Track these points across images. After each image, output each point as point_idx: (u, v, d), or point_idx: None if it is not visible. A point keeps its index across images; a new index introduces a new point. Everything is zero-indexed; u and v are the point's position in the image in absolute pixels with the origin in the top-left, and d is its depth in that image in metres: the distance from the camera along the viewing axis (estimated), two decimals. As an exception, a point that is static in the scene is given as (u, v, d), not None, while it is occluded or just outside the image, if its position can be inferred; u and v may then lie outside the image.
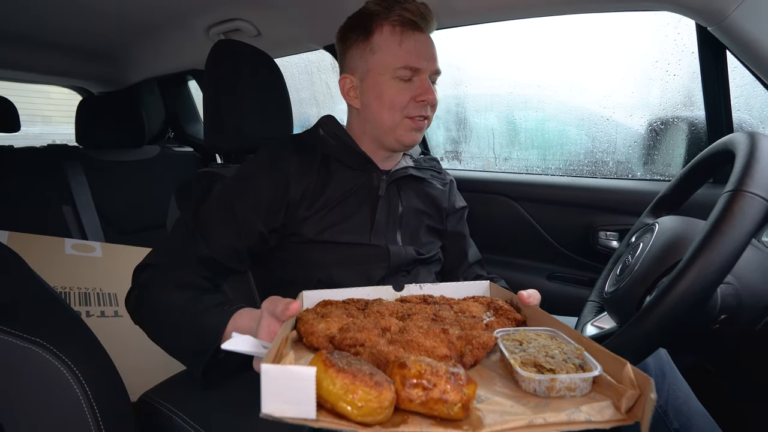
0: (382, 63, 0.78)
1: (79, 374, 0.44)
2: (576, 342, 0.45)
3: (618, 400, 0.36)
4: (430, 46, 0.79)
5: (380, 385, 0.33)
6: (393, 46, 0.77)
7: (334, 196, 0.79)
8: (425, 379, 0.35)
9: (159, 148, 1.88)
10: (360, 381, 0.33)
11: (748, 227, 0.46)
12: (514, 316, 0.55)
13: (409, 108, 0.79)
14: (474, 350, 0.44)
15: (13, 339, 0.41)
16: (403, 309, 0.55)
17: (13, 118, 1.63)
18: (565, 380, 0.38)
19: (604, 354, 0.41)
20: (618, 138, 1.27)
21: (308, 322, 0.48)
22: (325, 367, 0.34)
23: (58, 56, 1.70)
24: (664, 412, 0.76)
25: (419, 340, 0.45)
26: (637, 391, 0.36)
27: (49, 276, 1.27)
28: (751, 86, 0.99)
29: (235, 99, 0.95)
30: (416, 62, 0.76)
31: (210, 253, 0.73)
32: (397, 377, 0.36)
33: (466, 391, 0.35)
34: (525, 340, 0.46)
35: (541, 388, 0.39)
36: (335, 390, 0.33)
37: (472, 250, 1.00)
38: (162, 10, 1.30)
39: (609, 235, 1.13)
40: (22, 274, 0.52)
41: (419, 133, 0.82)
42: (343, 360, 0.36)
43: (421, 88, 0.78)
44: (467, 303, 0.58)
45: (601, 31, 1.22)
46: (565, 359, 0.41)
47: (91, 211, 1.57)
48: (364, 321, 0.49)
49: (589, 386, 0.39)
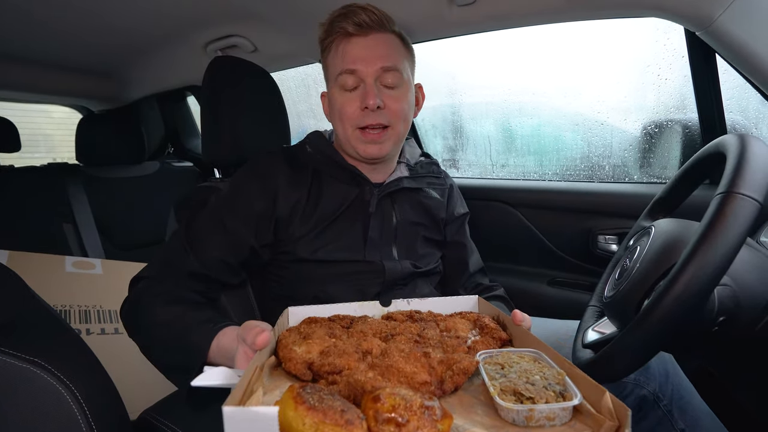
0: (330, 76, 0.79)
1: (77, 393, 0.44)
2: (559, 366, 0.45)
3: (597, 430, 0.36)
4: (372, 48, 0.75)
5: (351, 423, 0.33)
6: (333, 54, 0.77)
7: (326, 214, 0.79)
8: (398, 414, 0.34)
9: (159, 164, 1.90)
10: (330, 419, 0.33)
11: (740, 228, 0.46)
12: (500, 335, 0.55)
13: (356, 117, 0.76)
14: (454, 376, 0.45)
15: (11, 359, 0.41)
16: (387, 328, 0.55)
17: (13, 139, 1.65)
18: (543, 410, 0.38)
19: (585, 381, 0.41)
20: (613, 142, 1.28)
21: (287, 347, 0.48)
22: (295, 405, 0.33)
23: (59, 75, 1.72)
24: (669, 412, 0.75)
25: (399, 365, 0.45)
26: (615, 422, 0.36)
27: (50, 294, 1.27)
28: (743, 88, 1.00)
29: (233, 114, 0.97)
30: (350, 64, 0.74)
31: (200, 266, 0.73)
32: (370, 412, 0.35)
33: (440, 427, 0.35)
34: (507, 363, 0.46)
35: (519, 418, 0.39)
36: (304, 429, 0.32)
37: (474, 258, 0.98)
38: (160, 28, 1.33)
39: (608, 238, 1.13)
40: (20, 294, 0.52)
41: (375, 145, 0.78)
42: (315, 396, 0.35)
43: (362, 94, 0.75)
44: (454, 320, 0.58)
45: (592, 37, 1.24)
46: (545, 386, 0.41)
47: (92, 228, 1.58)
48: (345, 344, 0.49)
49: (569, 415, 0.40)
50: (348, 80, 0.75)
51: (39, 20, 1.20)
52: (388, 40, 0.77)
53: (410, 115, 0.82)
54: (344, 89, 0.76)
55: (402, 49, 0.79)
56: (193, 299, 0.72)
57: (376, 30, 0.75)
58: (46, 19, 1.19)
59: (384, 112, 0.76)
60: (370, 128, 0.77)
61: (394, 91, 0.77)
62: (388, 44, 0.77)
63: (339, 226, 0.80)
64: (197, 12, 1.20)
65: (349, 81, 0.75)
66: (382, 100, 0.75)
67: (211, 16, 1.23)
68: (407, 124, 0.82)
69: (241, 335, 0.49)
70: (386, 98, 0.76)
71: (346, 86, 0.75)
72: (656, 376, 0.77)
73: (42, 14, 1.16)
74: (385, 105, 0.76)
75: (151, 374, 0.93)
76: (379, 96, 0.75)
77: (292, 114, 1.14)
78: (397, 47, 0.78)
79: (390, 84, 0.76)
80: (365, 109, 0.75)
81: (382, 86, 0.76)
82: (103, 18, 1.22)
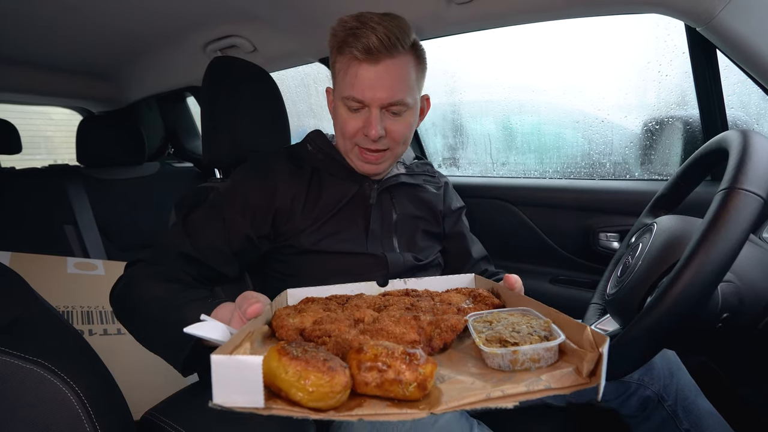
0: (337, 88, 0.78)
1: (80, 393, 0.44)
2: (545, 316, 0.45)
3: (580, 364, 0.36)
4: (382, 77, 0.72)
5: (333, 370, 0.33)
6: (343, 74, 0.74)
7: (328, 207, 0.80)
8: (380, 361, 0.35)
9: (159, 165, 1.90)
10: (312, 367, 0.33)
11: (743, 224, 0.46)
12: (492, 301, 0.55)
13: (357, 137, 0.77)
14: (442, 333, 0.45)
15: (14, 359, 0.41)
16: (381, 301, 0.55)
17: (14, 140, 1.65)
18: (527, 351, 0.38)
19: (569, 323, 0.41)
20: (614, 139, 1.28)
21: (280, 317, 0.49)
22: (278, 356, 0.34)
23: (59, 77, 1.72)
24: (674, 412, 0.75)
25: (389, 328, 0.45)
26: (596, 352, 0.35)
27: (52, 295, 1.28)
28: (744, 84, 1.00)
29: (233, 114, 0.97)
30: (358, 94, 0.73)
31: (195, 251, 0.73)
32: (353, 362, 0.36)
33: (422, 371, 0.35)
34: (495, 320, 0.46)
35: (504, 362, 0.39)
36: (287, 377, 0.33)
37: (476, 247, 0.99)
38: (159, 29, 1.33)
39: (609, 236, 1.13)
40: (23, 295, 0.52)
41: (372, 165, 0.79)
42: (299, 349, 0.36)
43: (365, 120, 0.74)
44: (449, 294, 0.58)
45: (592, 34, 1.23)
46: (530, 332, 0.41)
47: (93, 229, 1.58)
48: (338, 314, 0.49)
49: (555, 355, 0.39)
50: (354, 104, 0.74)
51: (39, 22, 1.20)
52: (401, 65, 0.73)
53: (411, 134, 0.82)
54: (349, 109, 0.75)
55: (414, 71, 0.76)
56: (186, 281, 0.72)
57: (388, 55, 0.71)
58: (46, 21, 1.19)
59: (385, 139, 0.76)
60: (367, 150, 0.77)
61: (399, 117, 0.76)
62: (400, 72, 0.73)
63: (340, 218, 0.81)
64: (196, 12, 1.20)
65: (354, 105, 0.74)
66: (384, 127, 0.75)
67: (210, 16, 1.23)
68: (407, 144, 0.82)
69: (238, 302, 0.50)
70: (389, 124, 0.76)
71: (351, 108, 0.75)
72: (660, 376, 0.77)
73: (42, 16, 1.16)
74: (387, 131, 0.76)
75: (154, 374, 0.93)
76: (381, 124, 0.74)
77: (292, 114, 1.14)
78: (408, 72, 0.74)
79: (396, 111, 0.75)
80: (366, 136, 0.75)
81: (386, 112, 0.75)
82: (103, 19, 1.22)
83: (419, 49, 0.77)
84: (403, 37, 0.72)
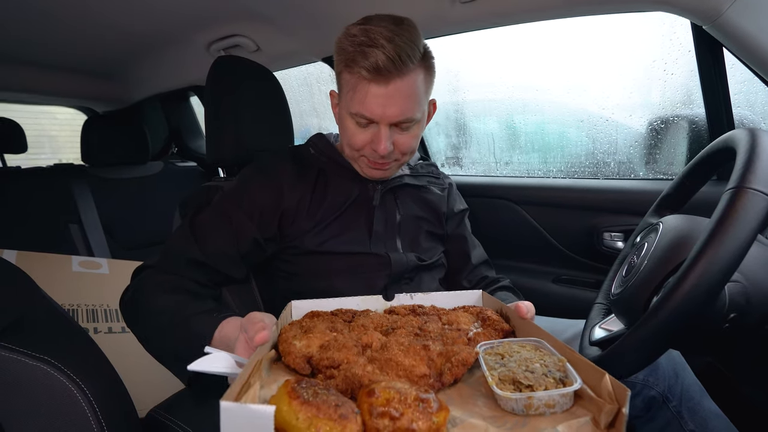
0: (344, 101, 0.76)
1: (86, 391, 0.44)
2: (560, 353, 0.44)
3: (598, 414, 0.36)
4: (392, 97, 0.70)
5: (345, 418, 0.33)
6: (351, 90, 0.72)
7: (332, 208, 0.80)
8: (393, 407, 0.34)
9: (163, 164, 1.91)
10: (323, 414, 0.32)
11: (752, 224, 0.45)
12: (502, 326, 0.54)
13: (365, 150, 0.76)
14: (453, 368, 0.44)
15: (21, 357, 0.42)
16: (388, 322, 0.54)
17: (20, 140, 1.66)
18: (543, 397, 0.37)
19: (586, 366, 0.40)
20: (619, 138, 1.27)
21: (287, 341, 0.48)
22: (289, 399, 0.33)
23: (63, 77, 1.73)
24: (679, 413, 0.75)
25: (398, 358, 0.44)
26: (615, 405, 0.35)
27: (57, 293, 1.28)
28: (750, 83, 0.99)
29: (237, 113, 0.97)
30: (367, 112, 0.71)
31: (204, 257, 0.73)
32: (365, 406, 0.35)
33: (435, 420, 0.34)
34: (507, 353, 0.45)
35: (519, 407, 0.38)
36: (298, 424, 0.32)
37: (477, 251, 0.98)
38: (163, 29, 1.33)
39: (614, 236, 1.12)
40: (30, 292, 0.52)
41: (380, 171, 0.79)
42: (309, 390, 0.35)
43: (374, 136, 0.74)
44: (456, 314, 0.57)
45: (597, 32, 1.23)
46: (545, 373, 0.40)
47: (98, 228, 1.59)
48: (345, 338, 0.49)
49: (570, 401, 0.38)
50: (363, 120, 0.73)
51: (44, 22, 1.20)
52: (410, 83, 0.70)
53: (419, 142, 0.81)
54: (358, 124, 0.74)
55: (423, 86, 0.74)
56: (194, 290, 0.72)
57: (397, 75, 0.68)
58: (51, 21, 1.20)
59: (392, 152, 0.76)
60: (377, 162, 0.77)
61: (407, 131, 0.76)
62: (409, 90, 0.71)
63: (344, 219, 0.81)
64: (200, 12, 1.20)
65: (363, 121, 0.73)
66: (392, 142, 0.74)
67: (213, 16, 1.23)
68: (414, 152, 0.82)
69: (243, 325, 0.49)
70: (397, 138, 0.75)
71: (360, 123, 0.74)
72: (665, 376, 0.76)
73: (47, 16, 1.16)
74: (395, 144, 0.75)
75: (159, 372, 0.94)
76: (390, 139, 0.73)
77: (295, 113, 1.14)
78: (418, 88, 0.72)
79: (404, 127, 0.75)
80: (374, 150, 0.74)
81: (395, 128, 0.74)
82: (107, 19, 1.22)
83: (429, 59, 0.75)
84: (413, 53, 0.69)
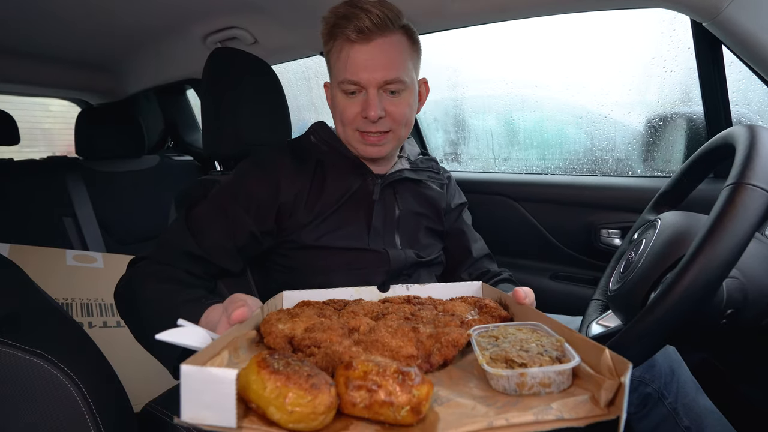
0: (333, 76, 0.78)
1: (81, 385, 0.44)
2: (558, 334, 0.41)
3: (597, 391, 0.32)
4: (375, 56, 0.72)
5: (316, 388, 0.30)
6: (337, 58, 0.75)
7: (330, 202, 0.79)
8: (370, 380, 0.31)
9: (158, 158, 1.89)
10: (293, 383, 0.30)
11: (751, 220, 0.45)
12: (500, 313, 0.51)
13: (357, 122, 0.76)
14: (443, 348, 0.41)
15: (14, 351, 0.41)
16: (380, 309, 0.51)
17: (12, 132, 1.64)
18: (537, 374, 0.34)
19: (585, 344, 0.37)
20: (617, 136, 1.27)
21: (270, 322, 0.46)
22: (258, 369, 0.31)
23: (57, 69, 1.71)
24: (674, 410, 0.75)
25: (385, 339, 0.41)
26: (616, 380, 0.31)
27: (51, 287, 1.27)
28: (748, 81, 0.99)
29: (234, 106, 0.96)
30: (352, 75, 0.73)
31: (201, 251, 0.73)
32: (341, 379, 0.32)
33: (416, 393, 0.31)
34: (502, 335, 0.42)
35: (510, 386, 0.35)
36: (265, 394, 0.30)
37: (478, 245, 0.98)
38: (159, 21, 1.31)
39: (611, 232, 1.13)
40: (23, 286, 0.51)
41: (375, 147, 0.79)
42: (281, 361, 0.32)
43: (364, 103, 0.74)
44: (453, 303, 0.55)
45: (596, 29, 1.22)
46: (541, 352, 0.37)
47: (92, 221, 1.58)
48: (332, 321, 0.46)
49: (568, 380, 0.35)
50: (351, 87, 0.74)
51: (37, 13, 1.18)
52: (393, 44, 0.73)
53: (413, 116, 0.82)
54: (346, 93, 0.75)
55: (407, 50, 0.76)
56: (187, 280, 0.71)
57: (380, 34, 0.72)
58: (44, 11, 1.18)
59: (385, 120, 0.76)
60: (368, 133, 0.77)
61: (397, 96, 0.76)
62: (393, 50, 0.73)
63: (342, 214, 0.80)
64: (197, 3, 1.19)
65: (351, 88, 0.74)
66: (383, 108, 0.75)
67: (210, 7, 1.21)
68: (409, 127, 0.82)
69: (225, 306, 0.49)
70: (388, 105, 0.75)
71: (348, 91, 0.75)
72: (661, 373, 0.77)
73: (41, 7, 1.14)
74: (387, 112, 0.76)
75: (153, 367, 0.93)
76: (380, 105, 0.74)
77: (293, 107, 1.13)
78: (402, 51, 0.75)
79: (393, 89, 0.75)
80: (366, 118, 0.75)
81: (384, 93, 0.75)
82: (102, 10, 1.20)
83: (411, 31, 0.78)
84: (395, 18, 0.73)
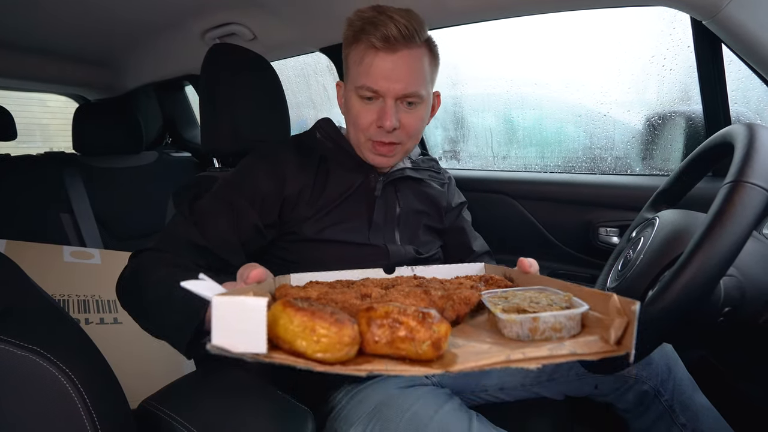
0: (350, 79, 0.77)
1: (76, 381, 0.44)
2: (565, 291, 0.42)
3: (606, 332, 0.34)
4: (399, 67, 0.72)
5: (341, 322, 0.31)
6: (358, 63, 0.74)
7: (333, 197, 0.80)
8: (392, 318, 0.32)
9: (157, 154, 1.88)
10: (319, 318, 0.31)
11: (749, 218, 0.45)
12: (506, 284, 0.53)
13: (371, 130, 0.76)
14: (455, 305, 0.42)
15: (9, 346, 0.41)
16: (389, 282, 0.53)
17: (9, 127, 1.63)
18: (548, 319, 0.35)
19: (593, 294, 0.38)
20: (616, 134, 1.27)
21: (284, 288, 0.47)
22: (283, 307, 0.32)
23: (55, 64, 1.70)
24: (671, 407, 0.76)
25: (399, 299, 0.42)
26: (624, 318, 0.33)
27: (48, 284, 1.27)
28: (747, 79, 0.99)
29: (232, 103, 0.95)
30: (373, 83, 0.72)
31: (205, 241, 0.72)
32: (363, 319, 0.33)
33: (436, 329, 0.32)
34: (511, 296, 0.43)
35: (523, 331, 0.36)
36: (292, 327, 0.31)
37: (478, 242, 0.99)
38: (157, 16, 1.30)
39: (609, 231, 1.13)
40: (17, 282, 0.51)
41: (384, 158, 0.79)
42: (305, 303, 0.33)
43: (380, 111, 0.74)
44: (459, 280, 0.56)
45: (596, 27, 1.22)
46: (550, 304, 0.38)
47: (90, 218, 1.57)
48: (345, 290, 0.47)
49: (578, 326, 0.37)
50: (368, 93, 0.74)
51: (35, 8, 1.17)
52: (417, 57, 0.73)
53: (423, 129, 0.82)
54: (362, 98, 0.75)
55: (428, 65, 0.76)
56: (193, 268, 0.70)
57: (406, 45, 0.71)
58: (42, 6, 1.17)
59: (399, 132, 0.76)
60: (380, 143, 0.77)
61: (413, 109, 0.76)
62: (416, 64, 0.73)
63: (345, 208, 0.80)
64: (195, -1, 1.18)
65: (368, 94, 0.74)
66: (398, 119, 0.75)
67: (209, 3, 1.21)
68: (417, 139, 0.82)
69: (239, 273, 0.49)
70: (403, 116, 0.75)
71: (365, 97, 0.75)
72: (658, 371, 0.77)
73: (38, 2, 1.13)
74: (402, 124, 0.75)
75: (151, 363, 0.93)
76: (396, 116, 0.74)
77: (292, 104, 1.12)
78: (423, 65, 0.75)
79: (410, 101, 0.75)
80: (380, 128, 0.74)
81: (401, 104, 0.75)
82: (100, 6, 1.19)
83: (433, 45, 0.78)
84: (420, 31, 0.72)
